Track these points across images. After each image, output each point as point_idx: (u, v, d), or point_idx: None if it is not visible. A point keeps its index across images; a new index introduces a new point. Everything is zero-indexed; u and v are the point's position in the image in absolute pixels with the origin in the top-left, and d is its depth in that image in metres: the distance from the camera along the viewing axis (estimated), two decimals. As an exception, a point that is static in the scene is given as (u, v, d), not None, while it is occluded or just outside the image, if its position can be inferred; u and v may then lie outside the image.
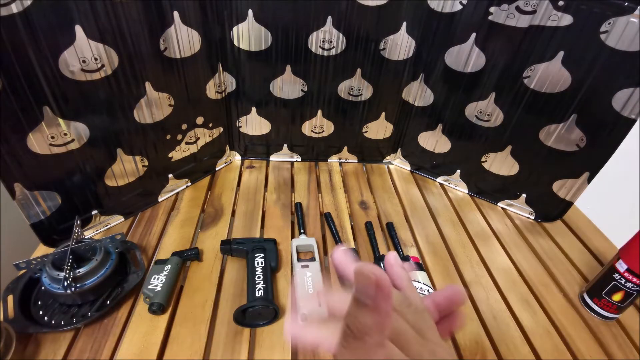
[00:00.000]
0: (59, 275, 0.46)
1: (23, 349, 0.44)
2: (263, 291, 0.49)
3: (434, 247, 0.65)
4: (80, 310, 0.48)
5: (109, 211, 0.62)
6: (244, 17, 0.62)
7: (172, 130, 0.64)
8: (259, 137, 0.79)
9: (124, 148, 0.58)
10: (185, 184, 0.73)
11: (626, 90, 0.56)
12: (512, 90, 0.64)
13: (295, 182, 0.78)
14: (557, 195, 0.70)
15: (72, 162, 0.53)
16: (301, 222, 0.66)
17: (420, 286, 0.53)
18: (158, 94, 0.58)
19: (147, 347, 0.45)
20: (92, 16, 0.46)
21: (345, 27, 0.64)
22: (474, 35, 0.62)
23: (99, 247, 0.50)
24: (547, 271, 0.63)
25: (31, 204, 0.51)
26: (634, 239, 0.50)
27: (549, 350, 0.50)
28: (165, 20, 0.54)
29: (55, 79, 0.46)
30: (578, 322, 0.54)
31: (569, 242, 0.69)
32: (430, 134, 0.78)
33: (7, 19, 0.40)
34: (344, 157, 0.85)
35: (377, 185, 0.80)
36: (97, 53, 0.48)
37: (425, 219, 0.71)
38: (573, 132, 0.62)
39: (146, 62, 0.54)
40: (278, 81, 0.70)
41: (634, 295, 0.51)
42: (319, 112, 0.76)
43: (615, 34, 0.53)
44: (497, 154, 0.72)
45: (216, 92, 0.69)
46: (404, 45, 0.67)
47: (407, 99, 0.76)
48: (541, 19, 0.57)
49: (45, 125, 0.48)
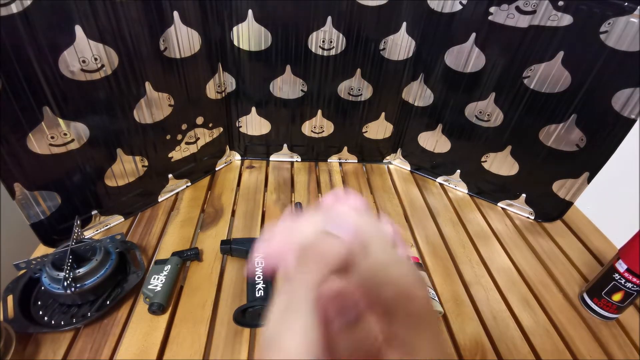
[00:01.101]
0: (59, 275, 0.46)
1: (23, 349, 0.44)
2: (263, 291, 0.49)
3: (433, 247, 0.65)
4: (80, 310, 0.48)
5: (108, 211, 0.62)
6: (244, 17, 0.62)
7: (172, 130, 0.64)
8: (259, 137, 0.79)
9: (124, 148, 0.58)
10: (185, 184, 0.73)
11: (626, 90, 0.56)
12: (512, 90, 0.64)
13: (295, 182, 0.78)
14: (557, 195, 0.70)
15: (72, 162, 0.53)
16: (301, 222, 0.66)
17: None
18: (158, 94, 0.58)
19: (147, 347, 0.45)
20: (92, 16, 0.46)
21: (345, 27, 0.64)
22: (474, 35, 0.62)
23: (98, 247, 0.50)
24: (547, 271, 0.63)
25: (31, 204, 0.51)
26: (634, 239, 0.50)
27: (549, 350, 0.50)
28: (165, 20, 0.54)
29: (55, 79, 0.46)
30: (578, 322, 0.54)
31: (569, 242, 0.69)
32: (430, 134, 0.78)
33: (7, 19, 0.40)
34: (344, 157, 0.85)
35: (377, 185, 0.80)
36: (97, 53, 0.48)
37: (425, 219, 0.71)
38: (573, 132, 0.62)
39: (146, 62, 0.54)
40: (278, 81, 0.70)
41: (633, 295, 0.51)
42: (319, 112, 0.76)
43: (615, 34, 0.53)
44: (497, 154, 0.72)
45: (216, 92, 0.69)
46: (404, 45, 0.67)
47: (407, 99, 0.76)
48: (541, 19, 0.57)
49: (45, 125, 0.48)
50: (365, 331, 0.21)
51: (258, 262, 0.54)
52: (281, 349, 0.17)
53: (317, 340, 0.18)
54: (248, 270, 0.55)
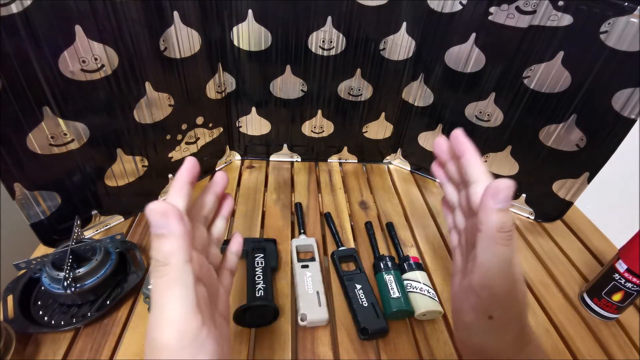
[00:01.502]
0: (59, 275, 0.46)
1: (23, 349, 0.44)
2: (263, 291, 0.49)
3: (433, 247, 0.65)
4: (80, 310, 0.48)
5: (108, 211, 0.62)
6: (244, 17, 0.62)
7: (172, 130, 0.64)
8: (259, 137, 0.79)
9: (124, 148, 0.58)
10: (185, 184, 0.73)
11: (626, 90, 0.56)
12: (512, 91, 0.64)
13: (295, 182, 0.78)
14: (557, 195, 0.70)
15: (72, 162, 0.53)
16: (301, 222, 0.66)
17: (420, 286, 0.53)
18: (158, 94, 0.58)
19: (147, 347, 0.45)
20: (92, 16, 0.46)
21: (345, 27, 0.64)
22: (474, 35, 0.62)
23: (98, 247, 0.50)
24: (547, 271, 0.63)
25: (31, 204, 0.51)
26: (634, 239, 0.50)
27: (549, 350, 0.50)
28: (165, 20, 0.54)
29: (55, 79, 0.46)
30: (578, 322, 0.54)
31: (569, 242, 0.69)
32: (430, 134, 0.78)
33: (7, 19, 0.40)
34: (344, 157, 0.85)
35: (377, 185, 0.80)
36: (97, 53, 0.48)
37: (425, 219, 0.71)
38: (573, 132, 0.62)
39: (146, 62, 0.54)
40: (278, 81, 0.70)
41: (633, 295, 0.51)
42: (319, 112, 0.76)
43: (615, 34, 0.53)
44: (497, 154, 0.72)
45: (216, 92, 0.69)
46: (404, 45, 0.67)
47: (407, 99, 0.76)
48: (541, 19, 0.57)
49: (45, 125, 0.48)
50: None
51: (258, 262, 0.54)
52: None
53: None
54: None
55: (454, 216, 0.35)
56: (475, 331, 0.30)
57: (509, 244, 0.26)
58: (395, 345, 0.48)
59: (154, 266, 0.23)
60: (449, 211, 0.36)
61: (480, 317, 0.29)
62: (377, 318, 0.49)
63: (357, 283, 0.53)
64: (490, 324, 0.28)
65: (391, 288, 0.52)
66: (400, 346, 0.48)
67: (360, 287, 0.53)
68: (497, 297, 0.28)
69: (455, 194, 0.35)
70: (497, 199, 0.26)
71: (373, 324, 0.48)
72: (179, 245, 0.23)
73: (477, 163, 0.30)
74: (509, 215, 0.26)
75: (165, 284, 0.23)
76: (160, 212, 0.23)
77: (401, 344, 0.48)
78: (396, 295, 0.51)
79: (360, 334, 0.48)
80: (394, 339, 0.49)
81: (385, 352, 0.47)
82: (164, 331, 0.23)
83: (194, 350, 0.23)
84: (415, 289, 0.52)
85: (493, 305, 0.28)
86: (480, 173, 0.29)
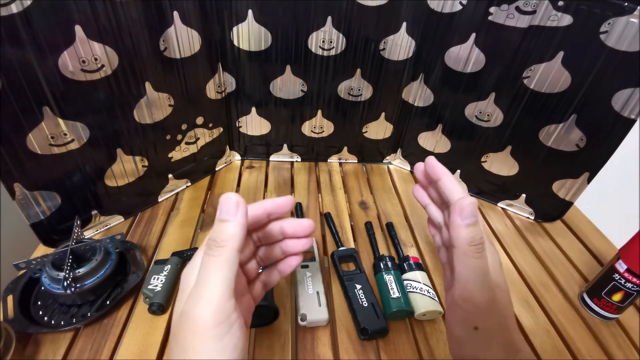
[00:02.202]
0: (59, 276, 0.46)
1: (23, 349, 0.44)
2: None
3: (433, 247, 0.65)
4: (80, 311, 0.48)
5: (108, 211, 0.62)
6: (244, 17, 0.62)
7: (172, 131, 0.64)
8: (259, 137, 0.80)
9: (124, 148, 0.58)
10: (185, 184, 0.73)
11: (626, 90, 0.56)
12: (512, 91, 0.64)
13: (295, 182, 0.78)
14: (557, 195, 0.70)
15: (72, 162, 0.53)
16: (301, 222, 0.66)
17: (420, 286, 0.53)
18: (158, 94, 0.58)
19: (147, 347, 0.45)
20: (92, 16, 0.46)
21: (345, 27, 0.64)
22: (474, 35, 0.62)
23: (98, 247, 0.50)
24: (547, 271, 0.63)
25: (31, 204, 0.51)
26: (634, 239, 0.50)
27: (549, 350, 0.50)
28: (165, 20, 0.54)
29: (55, 79, 0.46)
30: (578, 322, 0.54)
31: (569, 242, 0.69)
32: (430, 134, 0.78)
33: (7, 19, 0.40)
34: (344, 157, 0.85)
35: (377, 185, 0.80)
36: (97, 53, 0.48)
37: (425, 219, 0.71)
38: (573, 132, 0.62)
39: (146, 62, 0.54)
40: (278, 81, 0.70)
41: (633, 295, 0.51)
42: (319, 112, 0.76)
43: (615, 34, 0.53)
44: (497, 154, 0.72)
45: (216, 92, 0.69)
46: (404, 46, 0.67)
47: (407, 99, 0.76)
48: (541, 19, 0.57)
49: (45, 125, 0.48)
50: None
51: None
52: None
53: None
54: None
55: (441, 235, 0.37)
56: (465, 344, 0.31)
57: (480, 255, 0.29)
58: (395, 345, 0.48)
59: (209, 246, 0.26)
60: (436, 230, 0.38)
61: (467, 329, 0.30)
62: (377, 318, 0.49)
63: (357, 283, 0.53)
64: (476, 335, 0.30)
65: (391, 288, 0.52)
66: (400, 346, 0.48)
67: (360, 287, 0.53)
68: (479, 308, 0.29)
69: (440, 213, 0.37)
70: (463, 215, 0.29)
71: (373, 324, 0.48)
72: (239, 233, 0.26)
73: (453, 184, 0.33)
74: (477, 229, 0.29)
75: (217, 263, 0.26)
76: (235, 201, 0.26)
77: (401, 344, 0.48)
78: (396, 296, 0.51)
79: (360, 334, 0.48)
80: (394, 339, 0.49)
81: (385, 352, 0.47)
82: (202, 305, 0.25)
83: (223, 329, 0.25)
84: (415, 289, 0.52)
85: (477, 317, 0.30)
86: (457, 193, 0.32)
